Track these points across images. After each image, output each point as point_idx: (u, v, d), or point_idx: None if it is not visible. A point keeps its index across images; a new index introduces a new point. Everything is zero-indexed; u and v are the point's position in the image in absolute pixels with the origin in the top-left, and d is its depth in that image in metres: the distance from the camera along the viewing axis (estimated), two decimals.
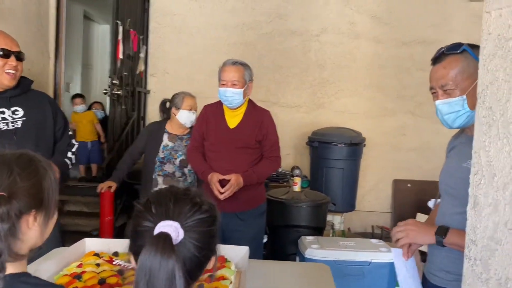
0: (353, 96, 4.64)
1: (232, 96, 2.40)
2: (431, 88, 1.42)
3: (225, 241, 2.51)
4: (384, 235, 4.16)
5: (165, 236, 0.77)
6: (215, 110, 2.52)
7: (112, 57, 3.73)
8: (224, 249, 1.82)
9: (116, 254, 1.78)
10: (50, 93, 4.25)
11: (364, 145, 4.34)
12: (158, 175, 2.92)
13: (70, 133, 2.29)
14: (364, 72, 4.62)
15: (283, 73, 4.60)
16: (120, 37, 3.75)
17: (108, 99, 3.87)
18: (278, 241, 3.51)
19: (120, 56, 3.76)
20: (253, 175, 2.41)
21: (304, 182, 4.26)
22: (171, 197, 0.84)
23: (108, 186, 2.95)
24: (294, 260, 3.31)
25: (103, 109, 5.04)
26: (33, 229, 0.90)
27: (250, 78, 2.47)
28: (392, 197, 4.71)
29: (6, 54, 1.95)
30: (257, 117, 2.49)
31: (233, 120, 2.48)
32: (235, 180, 2.33)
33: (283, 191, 3.60)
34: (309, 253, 3.12)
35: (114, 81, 3.70)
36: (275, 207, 3.46)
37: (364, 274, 3.15)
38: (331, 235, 3.95)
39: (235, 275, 1.67)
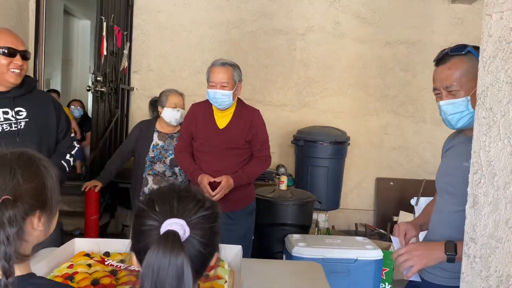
0: (337, 95, 4.68)
1: (222, 98, 2.37)
2: (434, 89, 1.43)
3: None
4: (368, 233, 4.21)
5: (173, 234, 0.77)
6: (203, 110, 2.49)
7: (95, 53, 3.65)
8: None
9: (107, 254, 1.74)
10: None
11: (349, 144, 4.39)
12: (148, 174, 2.88)
13: (73, 135, 2.25)
14: (348, 72, 4.67)
15: (268, 72, 4.61)
16: (104, 33, 3.67)
17: (90, 96, 3.78)
18: (264, 239, 3.52)
19: (104, 52, 3.69)
20: (243, 175, 2.41)
21: (289, 181, 4.28)
22: (174, 195, 0.84)
23: (93, 185, 2.90)
24: (281, 258, 3.33)
25: (83, 107, 4.93)
26: (37, 230, 0.88)
27: (239, 78, 2.44)
28: (375, 195, 4.78)
29: (12, 53, 1.90)
30: (247, 116, 2.48)
31: (222, 120, 2.46)
32: (225, 183, 2.32)
33: (269, 189, 3.61)
34: (296, 251, 3.14)
35: (98, 78, 3.63)
36: (262, 206, 3.46)
37: (350, 272, 3.19)
38: (316, 233, 3.98)
39: (229, 274, 1.67)
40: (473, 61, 1.30)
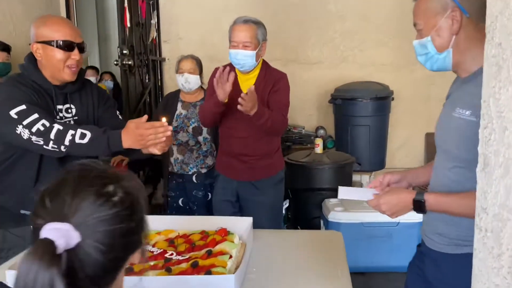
0: (378, 47, 4.32)
1: (244, 59, 2.20)
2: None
3: (242, 211, 2.42)
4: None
5: (46, 244, 0.64)
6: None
7: (119, 26, 3.60)
8: (227, 222, 1.73)
9: None
10: None
11: (393, 99, 4.08)
12: (173, 144, 2.84)
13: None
14: (389, 21, 4.26)
15: (300, 28, 4.33)
16: (126, 4, 3.60)
17: (119, 70, 3.77)
18: (301, 205, 3.40)
19: (128, 24, 3.63)
20: (266, 111, 2.17)
21: (329, 143, 4.09)
22: (71, 187, 0.69)
23: (120, 160, 2.91)
24: (318, 224, 3.21)
25: (114, 78, 4.96)
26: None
27: (263, 37, 2.25)
28: (425, 151, 4.45)
29: (70, 46, 1.66)
30: (272, 79, 2.29)
31: (245, 84, 2.28)
32: (251, 93, 2.05)
33: (304, 153, 3.45)
34: (333, 216, 3.01)
35: (124, 51, 3.59)
36: (296, 171, 3.33)
37: (392, 235, 3.01)
38: None
39: (238, 248, 1.57)
40: None
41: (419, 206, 1.25)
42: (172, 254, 1.51)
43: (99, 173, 0.73)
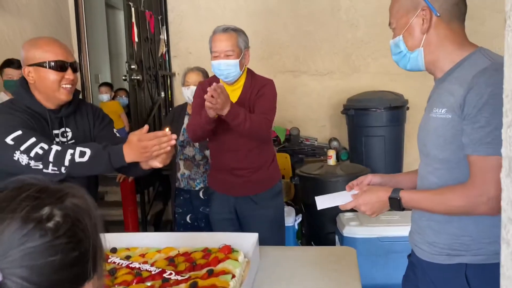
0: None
1: (228, 69, 2.08)
2: None
3: (242, 228, 2.31)
4: None
5: None
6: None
7: (127, 41, 3.59)
8: (232, 238, 1.63)
9: (114, 250, 1.63)
10: (78, 87, 4.23)
11: (408, 108, 3.94)
12: (180, 159, 2.77)
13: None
14: None
15: (311, 39, 4.25)
16: (133, 19, 3.59)
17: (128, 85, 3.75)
18: (314, 220, 3.27)
19: (136, 39, 3.61)
20: (242, 110, 2.02)
21: (343, 154, 3.96)
22: None
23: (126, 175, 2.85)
24: (333, 239, 3.07)
25: (128, 95, 4.97)
26: None
27: (245, 45, 2.14)
28: None
29: (63, 66, 1.62)
30: (258, 86, 2.18)
31: (232, 94, 2.16)
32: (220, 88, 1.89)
33: (316, 166, 3.34)
34: (348, 231, 2.87)
35: (132, 66, 3.56)
36: (309, 184, 3.21)
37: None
38: None
39: (242, 267, 1.47)
40: None
41: (395, 203, 1.26)
42: (171, 274, 1.41)
43: (35, 192, 0.59)
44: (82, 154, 1.53)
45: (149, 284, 1.36)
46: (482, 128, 1.10)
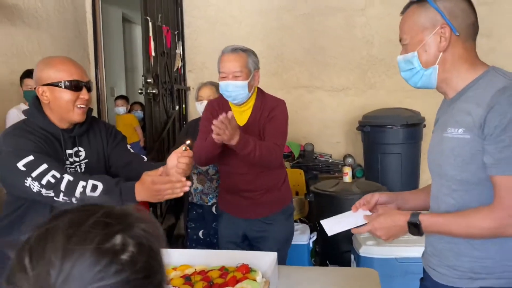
0: None
1: (236, 90, 2.01)
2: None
3: (253, 249, 2.25)
4: None
5: None
6: (220, 106, 2.13)
7: (144, 55, 3.61)
8: (249, 257, 1.59)
9: None
10: (93, 99, 4.26)
11: (424, 126, 3.89)
12: (193, 173, 2.75)
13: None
14: None
15: (326, 54, 4.24)
16: (151, 33, 3.62)
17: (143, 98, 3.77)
18: (329, 238, 3.20)
19: (153, 53, 3.63)
20: (251, 139, 1.94)
21: (358, 172, 3.91)
22: (59, 242, 0.48)
23: None
24: (349, 258, 3.00)
25: (143, 109, 5.00)
26: None
27: (255, 66, 2.08)
28: None
29: (78, 85, 1.60)
30: (269, 108, 2.11)
31: (241, 116, 2.11)
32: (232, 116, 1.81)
33: (332, 183, 3.29)
34: (364, 250, 2.80)
35: (148, 80, 3.58)
36: (323, 201, 3.16)
37: None
38: None
39: (262, 286, 1.43)
40: (427, 10, 1.20)
41: (414, 228, 1.21)
42: None
43: (101, 217, 0.52)
44: (94, 188, 1.50)
45: None
46: (507, 147, 1.08)
